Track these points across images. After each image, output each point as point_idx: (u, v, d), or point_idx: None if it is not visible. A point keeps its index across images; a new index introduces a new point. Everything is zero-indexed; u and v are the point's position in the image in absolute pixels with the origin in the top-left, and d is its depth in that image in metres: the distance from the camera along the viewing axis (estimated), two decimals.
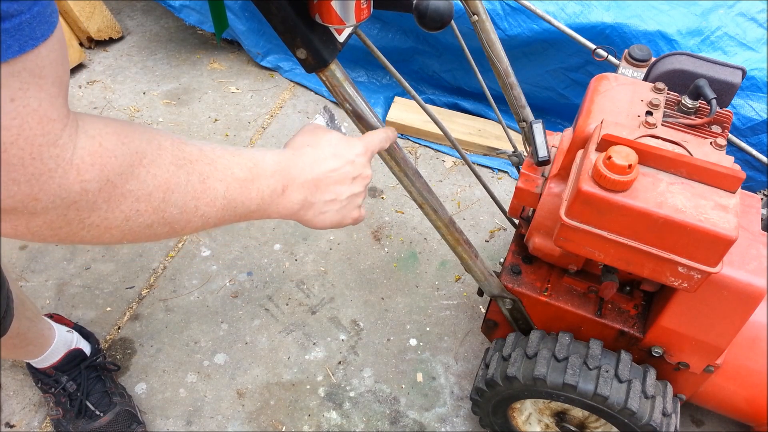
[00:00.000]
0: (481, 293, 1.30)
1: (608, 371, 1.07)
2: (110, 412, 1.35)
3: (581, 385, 1.06)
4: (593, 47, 1.51)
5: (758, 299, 0.96)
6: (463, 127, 2.03)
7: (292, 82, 2.25)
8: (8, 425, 1.40)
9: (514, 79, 1.25)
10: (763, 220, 1.07)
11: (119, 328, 1.58)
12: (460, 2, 1.16)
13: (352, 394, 1.48)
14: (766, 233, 1.03)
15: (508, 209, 1.23)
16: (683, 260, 0.89)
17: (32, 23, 0.44)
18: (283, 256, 1.74)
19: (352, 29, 0.80)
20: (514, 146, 1.39)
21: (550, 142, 1.17)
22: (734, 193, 0.88)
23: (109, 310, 1.61)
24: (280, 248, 1.75)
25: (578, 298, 1.17)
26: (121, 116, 2.09)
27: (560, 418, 1.24)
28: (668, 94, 1.06)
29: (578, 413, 1.20)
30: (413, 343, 1.58)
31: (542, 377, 1.08)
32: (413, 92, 1.04)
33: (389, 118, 2.05)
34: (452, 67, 2.05)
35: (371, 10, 0.74)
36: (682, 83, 1.07)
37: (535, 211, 1.14)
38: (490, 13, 1.56)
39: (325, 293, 1.67)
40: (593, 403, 1.07)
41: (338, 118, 0.86)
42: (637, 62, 1.17)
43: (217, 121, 2.10)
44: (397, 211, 1.86)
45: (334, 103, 2.17)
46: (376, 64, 2.18)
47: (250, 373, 1.51)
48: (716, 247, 0.85)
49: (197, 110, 2.13)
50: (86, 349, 1.39)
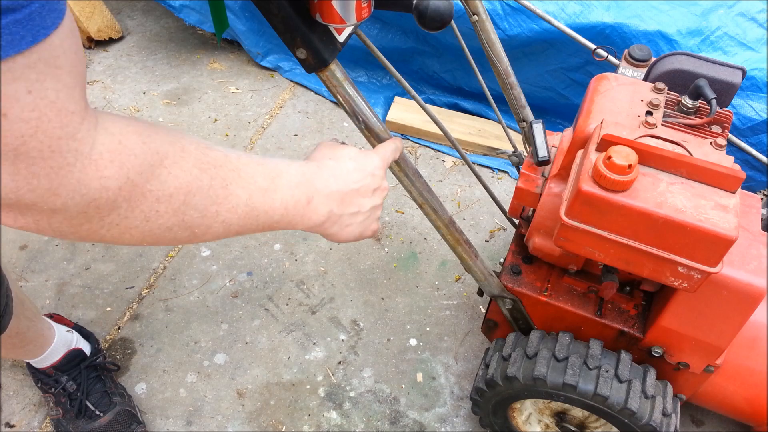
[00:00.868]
0: (481, 293, 1.30)
1: (608, 371, 1.07)
2: (110, 412, 1.35)
3: (581, 385, 1.06)
4: (593, 47, 1.51)
5: (758, 299, 0.96)
6: (463, 127, 2.03)
7: (292, 82, 2.25)
8: (8, 425, 1.40)
9: (514, 79, 1.25)
10: (763, 220, 1.07)
11: (119, 328, 1.58)
12: (460, 2, 1.16)
13: (352, 394, 1.48)
14: (766, 233, 1.03)
15: (508, 209, 1.23)
16: (683, 260, 0.89)
17: (42, 11, 0.43)
18: (283, 256, 1.74)
19: (352, 29, 0.80)
20: (514, 146, 1.39)
21: (550, 142, 1.17)
22: (734, 193, 0.88)
23: (109, 310, 1.61)
24: (280, 248, 1.75)
25: (578, 298, 1.17)
26: None
27: (560, 418, 1.24)
28: (668, 94, 1.06)
29: (578, 413, 1.20)
30: (413, 343, 1.58)
31: (542, 377, 1.08)
32: (413, 92, 1.04)
33: (389, 118, 2.05)
34: (452, 67, 2.05)
35: (372, 9, 0.74)
36: (682, 83, 1.07)
37: (535, 211, 1.14)
38: (490, 13, 1.56)
39: (325, 293, 1.67)
40: (593, 403, 1.07)
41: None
42: (637, 62, 1.17)
43: (217, 121, 2.10)
44: (397, 211, 1.86)
45: (334, 103, 2.18)
46: (376, 64, 2.18)
47: (250, 373, 1.51)
48: (716, 247, 0.85)
49: (197, 110, 2.13)
50: (86, 349, 1.39)
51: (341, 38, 0.78)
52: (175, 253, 1.73)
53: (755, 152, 1.66)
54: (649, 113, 1.00)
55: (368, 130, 0.85)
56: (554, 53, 1.81)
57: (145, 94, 2.18)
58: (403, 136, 2.06)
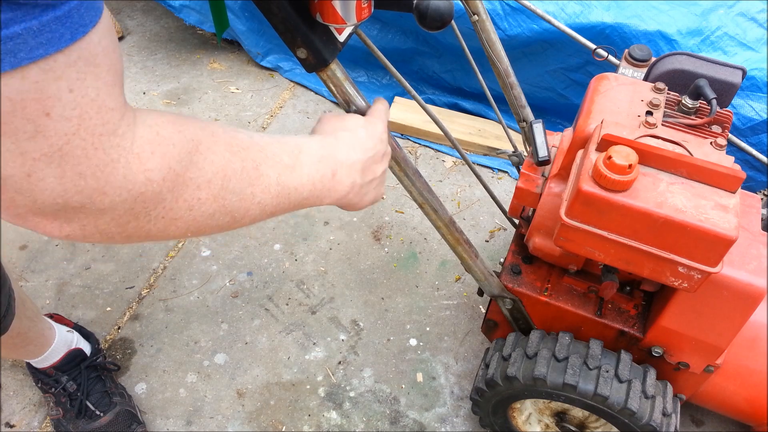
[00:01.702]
0: (481, 293, 1.30)
1: (608, 371, 1.07)
2: (110, 412, 1.35)
3: (581, 385, 1.06)
4: (593, 47, 1.51)
5: (758, 299, 0.96)
6: (463, 127, 2.03)
7: (292, 82, 2.25)
8: (8, 425, 1.40)
9: (514, 78, 1.25)
10: (763, 220, 1.07)
11: (119, 328, 1.58)
12: (460, 2, 1.16)
13: (352, 394, 1.48)
14: (766, 233, 1.03)
15: (508, 209, 1.23)
16: (683, 260, 0.89)
17: (80, 9, 0.43)
18: (283, 256, 1.74)
19: (352, 29, 0.80)
20: (514, 146, 1.39)
21: (550, 141, 1.17)
22: (734, 193, 0.88)
23: (109, 310, 1.61)
24: (280, 248, 1.75)
25: (578, 298, 1.17)
26: None
27: (560, 418, 1.24)
28: (668, 94, 1.06)
29: (578, 413, 1.20)
30: (413, 343, 1.58)
31: (542, 377, 1.08)
32: (413, 92, 1.04)
33: (389, 118, 2.04)
34: (452, 67, 2.05)
35: (372, 9, 0.74)
36: (682, 83, 1.07)
37: (535, 211, 1.14)
38: (490, 13, 1.56)
39: (325, 293, 1.66)
40: (593, 403, 1.07)
41: None
42: (637, 62, 1.17)
43: (217, 120, 2.10)
44: (397, 211, 1.86)
45: (334, 103, 2.18)
46: (375, 64, 2.18)
47: (250, 373, 1.51)
48: (716, 247, 0.85)
49: (197, 110, 2.13)
50: (86, 349, 1.39)
51: (341, 38, 0.78)
52: (175, 253, 1.73)
53: (755, 152, 1.66)
54: (649, 113, 1.00)
55: None
56: (554, 53, 1.81)
57: (145, 94, 2.18)
58: (403, 136, 2.06)
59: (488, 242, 1.80)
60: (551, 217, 1.09)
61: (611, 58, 1.47)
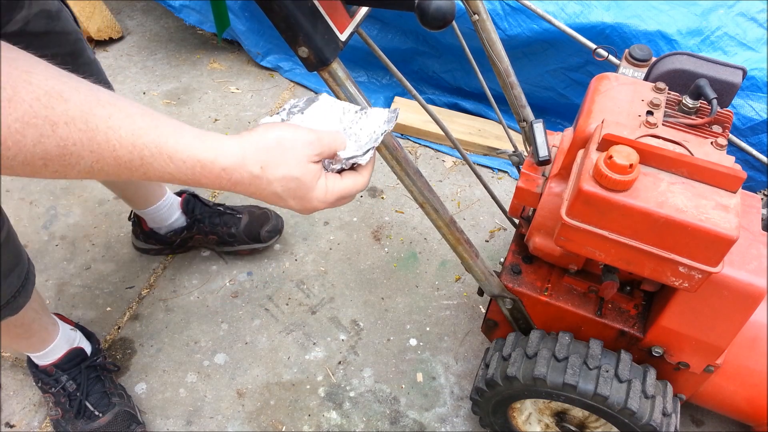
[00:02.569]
0: (481, 293, 1.30)
1: (608, 371, 1.07)
2: (109, 412, 1.35)
3: (581, 385, 1.06)
4: (594, 47, 1.51)
5: (758, 299, 0.96)
6: (463, 126, 2.03)
7: (292, 82, 2.25)
8: (8, 425, 1.40)
9: (514, 78, 1.25)
10: (763, 220, 1.07)
11: (119, 328, 1.58)
12: (460, 2, 1.16)
13: (352, 394, 1.48)
14: (766, 233, 1.03)
15: (508, 209, 1.23)
16: (684, 260, 0.89)
17: None
18: (283, 256, 1.74)
19: (354, 27, 0.80)
20: (514, 146, 1.39)
21: (550, 141, 1.17)
22: (735, 192, 0.88)
23: (109, 310, 1.61)
24: (280, 248, 1.75)
25: (578, 298, 1.17)
26: None
27: (560, 418, 1.24)
28: (669, 93, 1.06)
29: (578, 413, 1.20)
30: (413, 343, 1.57)
31: (542, 377, 1.08)
32: (414, 91, 1.04)
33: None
34: (452, 67, 2.05)
35: None
36: (682, 83, 1.07)
37: (535, 210, 1.14)
38: (490, 12, 1.56)
39: (325, 293, 1.66)
40: (593, 403, 1.07)
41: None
42: (637, 62, 1.17)
43: (217, 120, 2.10)
44: (397, 211, 1.86)
45: None
46: (375, 64, 2.18)
47: (250, 373, 1.51)
48: (717, 246, 0.85)
49: (197, 110, 2.13)
50: (87, 348, 1.39)
51: (343, 37, 0.78)
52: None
53: (755, 152, 1.66)
54: (649, 113, 1.00)
55: None
56: (554, 53, 1.81)
57: (145, 94, 2.18)
58: (402, 136, 2.06)
59: (488, 242, 1.80)
60: (552, 216, 1.09)
61: (611, 58, 1.47)
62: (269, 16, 0.71)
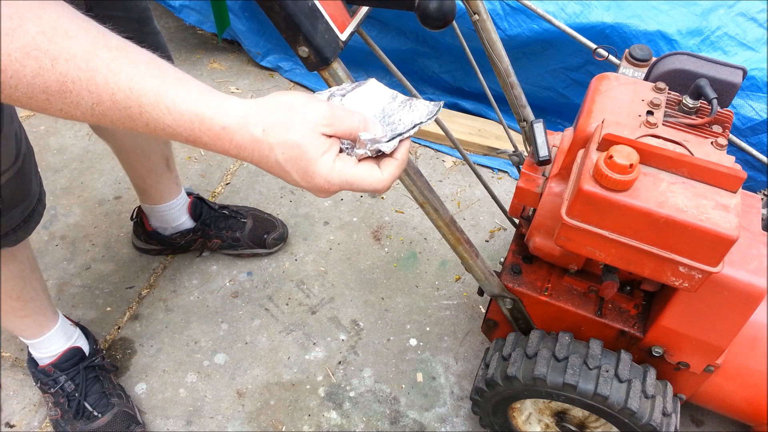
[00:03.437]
0: (481, 293, 1.30)
1: (608, 371, 1.07)
2: (108, 413, 1.34)
3: (581, 384, 1.06)
4: (594, 47, 1.51)
5: (759, 299, 0.96)
6: (463, 126, 2.03)
7: (292, 82, 2.25)
8: (8, 425, 1.40)
9: (514, 78, 1.25)
10: (763, 219, 1.07)
11: (119, 328, 1.58)
12: (461, 2, 1.16)
13: (352, 394, 1.48)
14: (766, 233, 1.03)
15: (508, 209, 1.23)
16: (684, 260, 0.89)
17: None
18: (283, 256, 1.74)
19: (354, 28, 0.80)
20: (514, 146, 1.39)
21: (550, 141, 1.17)
22: (735, 192, 0.88)
23: (109, 310, 1.61)
24: (280, 248, 1.75)
25: (578, 297, 1.17)
26: None
27: (560, 417, 1.24)
28: (669, 93, 1.06)
29: (578, 413, 1.20)
30: (413, 343, 1.57)
31: (542, 377, 1.08)
32: (414, 91, 1.04)
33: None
34: (452, 67, 2.05)
35: None
36: (682, 83, 1.07)
37: (535, 210, 1.14)
38: (490, 12, 1.56)
39: (325, 293, 1.66)
40: (593, 402, 1.07)
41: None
42: (637, 62, 1.17)
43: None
44: (397, 211, 1.86)
45: None
46: (375, 64, 2.17)
47: (250, 373, 1.51)
48: (717, 246, 0.85)
49: None
50: (85, 348, 1.39)
51: (343, 37, 0.78)
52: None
53: (755, 152, 1.66)
54: (650, 113, 1.00)
55: None
56: (554, 53, 1.81)
57: None
58: None
59: (488, 242, 1.80)
60: (552, 216, 1.09)
61: (612, 57, 1.47)
62: (269, 16, 0.71)
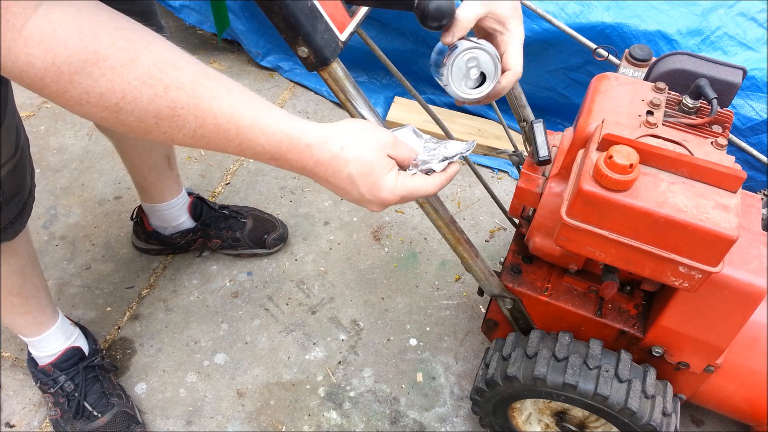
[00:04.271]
0: (481, 293, 1.30)
1: (608, 371, 1.07)
2: (108, 413, 1.34)
3: (581, 384, 1.06)
4: (594, 47, 1.51)
5: (759, 299, 0.96)
6: (463, 126, 2.03)
7: (292, 82, 2.25)
8: (8, 425, 1.40)
9: None
10: (763, 219, 1.07)
11: (119, 327, 1.58)
12: (460, 2, 1.16)
13: (352, 394, 1.48)
14: (766, 233, 1.03)
15: (508, 209, 1.23)
16: (684, 260, 0.89)
17: None
18: (283, 256, 1.74)
19: (353, 28, 0.80)
20: (514, 146, 1.39)
21: (550, 141, 1.17)
22: (735, 192, 0.88)
23: (109, 310, 1.61)
24: (280, 248, 1.75)
25: (578, 297, 1.17)
26: None
27: (560, 417, 1.24)
28: (669, 93, 1.06)
29: (578, 413, 1.20)
30: (413, 343, 1.57)
31: (542, 377, 1.08)
32: (414, 91, 1.04)
33: (389, 117, 2.05)
34: None
35: None
36: (682, 83, 1.07)
37: (535, 210, 1.14)
38: None
39: (325, 293, 1.66)
40: (593, 402, 1.07)
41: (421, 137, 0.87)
42: (637, 62, 1.17)
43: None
44: (397, 211, 1.86)
45: (335, 103, 2.18)
46: (375, 64, 2.18)
47: (250, 373, 1.51)
48: (717, 246, 0.85)
49: None
50: (85, 347, 1.39)
51: (343, 37, 0.78)
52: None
53: (755, 152, 1.66)
54: (649, 113, 1.00)
55: None
56: (554, 53, 1.81)
57: None
58: None
59: (488, 242, 1.80)
60: (552, 216, 1.09)
61: (612, 57, 1.48)
62: (269, 16, 0.71)
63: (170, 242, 1.66)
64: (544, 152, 1.12)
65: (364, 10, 0.84)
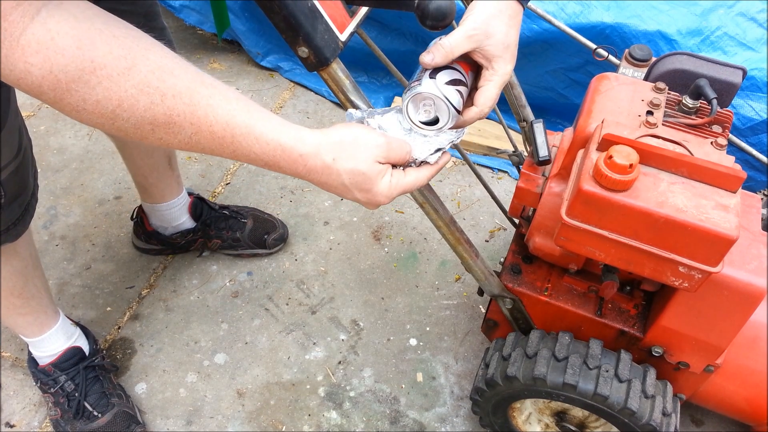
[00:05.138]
0: (481, 293, 1.30)
1: (608, 371, 1.07)
2: (108, 413, 1.34)
3: (581, 384, 1.06)
4: (594, 47, 1.51)
5: (758, 299, 0.96)
6: None
7: (292, 82, 2.25)
8: (8, 425, 1.40)
9: (514, 78, 1.25)
10: (763, 219, 1.07)
11: (119, 327, 1.58)
12: (460, 2, 1.16)
13: (352, 393, 1.48)
14: (766, 233, 1.03)
15: (508, 209, 1.23)
16: (684, 260, 0.89)
17: None
18: (283, 256, 1.74)
19: (353, 28, 0.80)
20: (514, 146, 1.39)
21: (550, 141, 1.17)
22: (735, 192, 0.88)
23: (109, 310, 1.61)
24: (280, 248, 1.75)
25: (578, 297, 1.17)
26: None
27: (560, 417, 1.24)
28: (669, 93, 1.06)
29: (578, 413, 1.20)
30: (413, 342, 1.58)
31: (542, 377, 1.08)
32: None
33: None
34: None
35: None
36: (682, 83, 1.07)
37: (535, 210, 1.14)
38: None
39: (325, 293, 1.66)
40: (593, 402, 1.07)
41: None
42: (637, 62, 1.17)
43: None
44: (397, 211, 1.86)
45: (335, 103, 2.18)
46: (375, 65, 2.18)
47: (250, 373, 1.51)
48: (717, 246, 0.85)
49: None
50: (85, 347, 1.39)
51: (343, 37, 0.78)
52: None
53: (755, 152, 1.66)
54: (649, 113, 1.00)
55: None
56: (554, 53, 1.81)
57: None
58: None
59: (488, 242, 1.80)
60: (552, 216, 1.10)
61: (611, 58, 1.48)
62: (269, 16, 0.71)
63: (170, 242, 1.66)
64: (544, 152, 1.12)
65: (364, 10, 0.84)
